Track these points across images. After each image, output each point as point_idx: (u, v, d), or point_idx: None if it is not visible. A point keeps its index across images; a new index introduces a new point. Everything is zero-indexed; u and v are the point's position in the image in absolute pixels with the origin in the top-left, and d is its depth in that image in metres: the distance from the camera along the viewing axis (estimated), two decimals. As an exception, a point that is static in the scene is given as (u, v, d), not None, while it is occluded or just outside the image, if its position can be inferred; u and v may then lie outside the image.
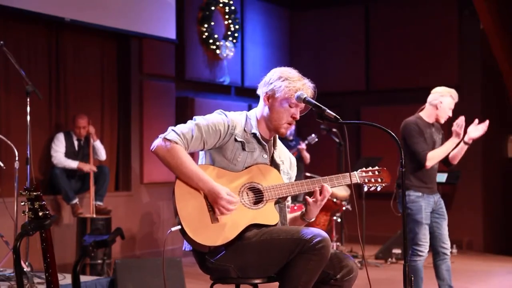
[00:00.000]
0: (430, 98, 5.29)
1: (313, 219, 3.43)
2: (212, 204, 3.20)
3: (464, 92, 9.44)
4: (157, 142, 3.25)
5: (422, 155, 5.14)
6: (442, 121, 5.29)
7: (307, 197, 3.35)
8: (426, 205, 5.19)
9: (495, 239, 9.56)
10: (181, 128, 3.28)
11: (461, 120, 5.11)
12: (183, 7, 8.87)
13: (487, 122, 5.21)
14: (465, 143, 5.21)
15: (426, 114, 5.31)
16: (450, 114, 5.27)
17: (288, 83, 3.30)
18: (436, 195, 5.30)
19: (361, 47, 10.37)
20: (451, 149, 5.19)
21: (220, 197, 3.17)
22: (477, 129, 5.18)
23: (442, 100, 5.23)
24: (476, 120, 5.22)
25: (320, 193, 3.31)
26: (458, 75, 9.54)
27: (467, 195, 9.44)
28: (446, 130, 5.59)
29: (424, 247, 5.17)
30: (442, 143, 5.32)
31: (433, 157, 5.16)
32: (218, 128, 3.28)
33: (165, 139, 3.22)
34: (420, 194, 5.19)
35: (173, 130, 3.26)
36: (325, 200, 3.32)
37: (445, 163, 5.39)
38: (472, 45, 9.54)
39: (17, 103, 6.95)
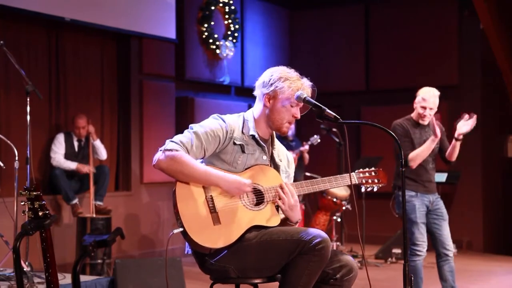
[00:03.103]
0: None
1: (298, 221, 3.36)
2: (236, 194, 3.20)
3: (464, 92, 9.46)
4: (158, 155, 3.21)
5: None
6: (420, 121, 5.24)
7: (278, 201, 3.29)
8: (420, 204, 5.19)
9: (495, 239, 9.56)
10: (179, 138, 3.24)
11: (431, 118, 5.13)
12: (183, 7, 8.87)
13: (475, 116, 5.16)
14: (456, 139, 5.18)
15: (415, 114, 5.32)
16: (425, 113, 5.18)
17: (289, 83, 3.29)
18: (433, 195, 5.28)
19: (361, 47, 10.37)
20: (430, 147, 5.14)
21: (243, 184, 3.19)
22: (466, 124, 5.14)
23: (415, 100, 5.27)
24: (466, 116, 5.18)
25: (279, 197, 3.27)
26: (458, 75, 9.54)
27: (467, 195, 9.45)
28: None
29: (422, 246, 5.15)
30: (441, 144, 5.31)
31: (414, 157, 5.14)
32: (217, 134, 3.26)
33: (165, 150, 3.19)
34: (413, 193, 5.19)
35: (171, 141, 3.23)
36: (291, 202, 3.26)
37: (444, 161, 5.39)
38: (472, 45, 9.54)
39: (17, 103, 6.96)
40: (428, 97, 5.19)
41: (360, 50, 10.37)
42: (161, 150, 3.21)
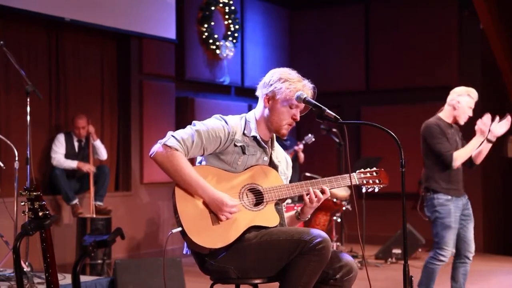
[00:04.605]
0: (448, 99, 5.17)
1: (307, 218, 3.43)
2: (216, 211, 3.18)
3: (464, 92, 9.45)
4: (156, 148, 3.20)
5: (448, 156, 5.01)
6: (461, 122, 5.15)
7: (305, 196, 3.33)
8: (455, 208, 5.08)
9: (495, 239, 9.55)
10: (180, 134, 3.23)
11: (487, 118, 4.96)
12: (183, 7, 8.87)
13: (509, 117, 5.03)
14: (489, 141, 5.06)
15: (445, 114, 5.18)
16: (470, 114, 5.12)
17: (288, 85, 3.29)
18: (464, 197, 5.20)
19: (361, 47, 10.37)
20: (476, 147, 5.04)
21: (225, 204, 3.16)
22: (501, 126, 5.02)
23: (459, 99, 5.10)
24: (497, 118, 5.06)
25: (315, 195, 3.29)
26: (458, 75, 9.54)
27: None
28: (465, 131, 5.45)
29: (448, 252, 5.04)
30: (462, 145, 5.19)
31: (459, 157, 5.02)
32: (219, 135, 3.26)
33: (164, 145, 3.18)
34: (449, 197, 5.08)
35: (172, 136, 3.21)
36: (321, 202, 3.32)
37: (468, 163, 5.24)
38: (472, 45, 9.54)
39: (17, 103, 6.96)
40: (475, 97, 5.11)
41: (360, 50, 10.37)
42: (160, 144, 3.20)
